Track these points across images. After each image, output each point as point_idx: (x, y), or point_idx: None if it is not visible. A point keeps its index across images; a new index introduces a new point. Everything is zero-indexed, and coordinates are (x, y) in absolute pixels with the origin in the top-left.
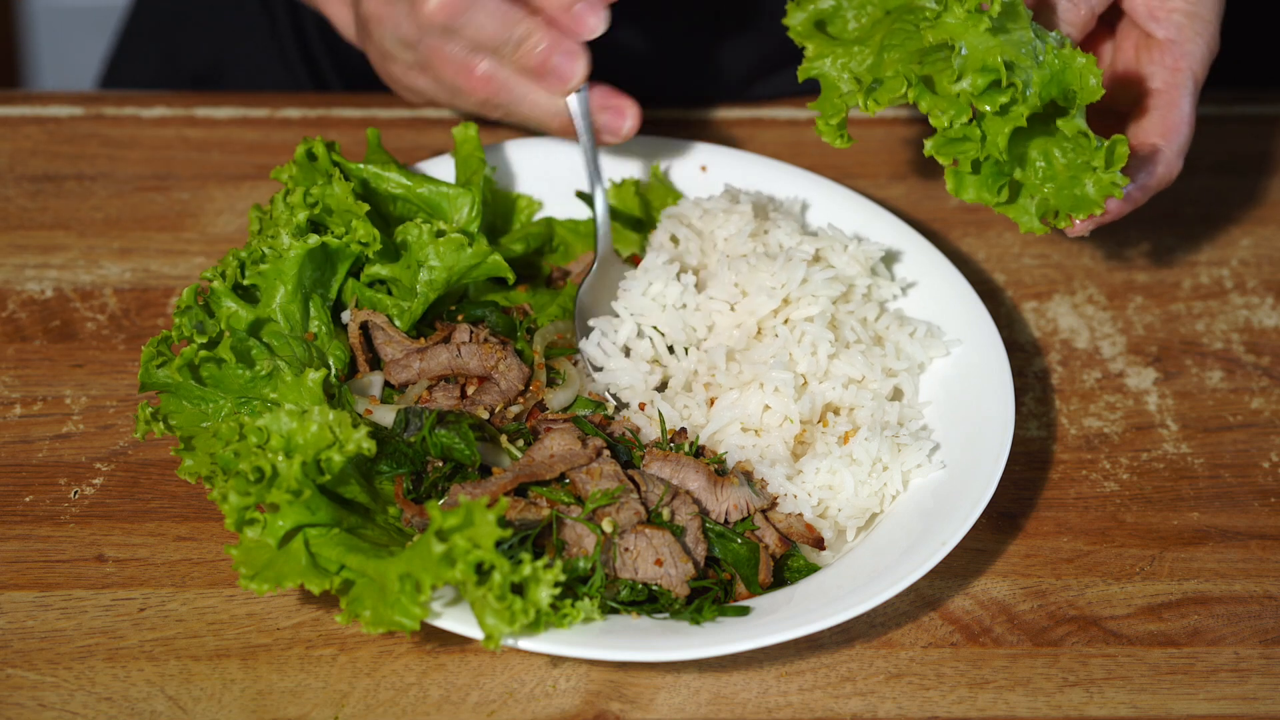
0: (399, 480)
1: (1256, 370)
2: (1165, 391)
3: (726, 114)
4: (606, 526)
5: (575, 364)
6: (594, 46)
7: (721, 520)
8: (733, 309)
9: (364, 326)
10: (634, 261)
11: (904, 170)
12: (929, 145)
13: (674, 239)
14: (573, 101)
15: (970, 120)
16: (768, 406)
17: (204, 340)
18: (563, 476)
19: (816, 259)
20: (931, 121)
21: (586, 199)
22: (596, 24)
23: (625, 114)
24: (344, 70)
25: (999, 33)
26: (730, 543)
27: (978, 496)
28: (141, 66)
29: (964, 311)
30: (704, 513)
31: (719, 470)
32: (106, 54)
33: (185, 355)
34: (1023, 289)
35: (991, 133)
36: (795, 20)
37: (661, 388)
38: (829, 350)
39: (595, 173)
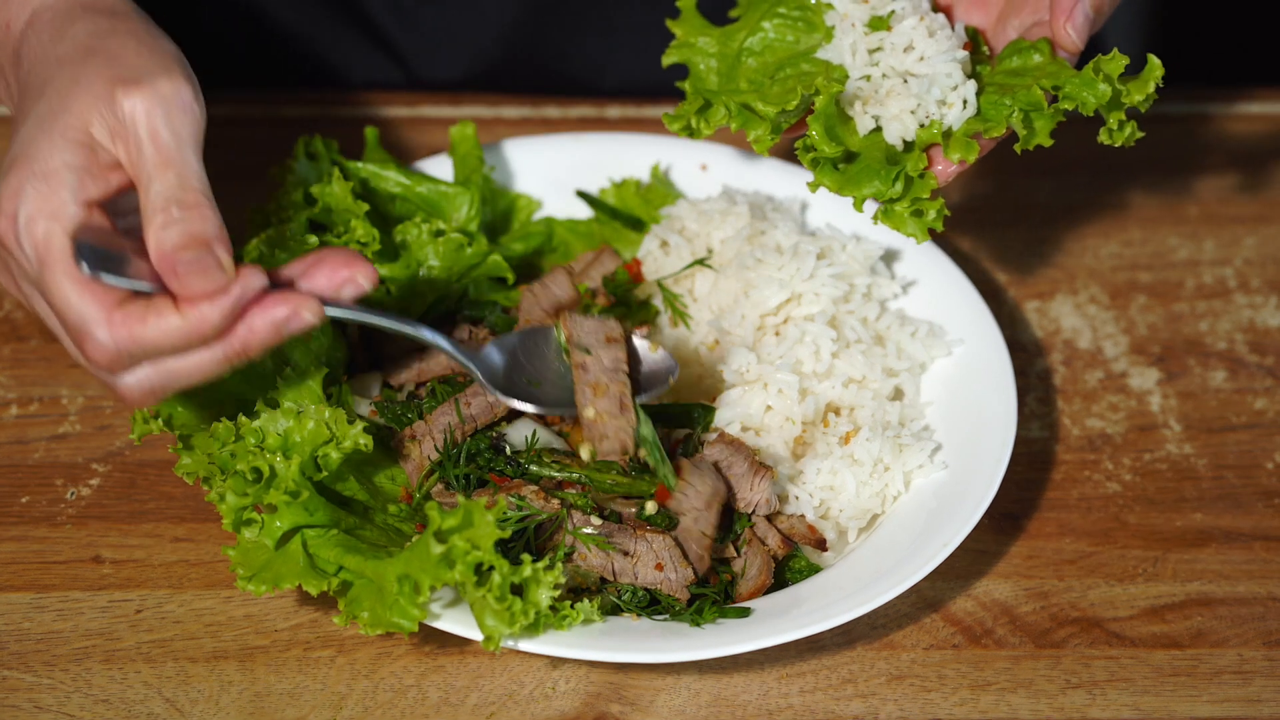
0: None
1: (1260, 370)
2: (1168, 392)
3: None
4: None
5: None
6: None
7: (749, 511)
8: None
9: (363, 326)
10: (635, 264)
11: None
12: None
13: (664, 245)
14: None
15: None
16: (770, 407)
17: None
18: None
19: (820, 256)
20: (756, 148)
21: (587, 198)
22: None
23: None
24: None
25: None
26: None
27: (980, 497)
28: None
29: (966, 311)
30: (733, 498)
31: (761, 463)
32: None
33: None
34: (1025, 289)
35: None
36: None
37: None
38: (831, 349)
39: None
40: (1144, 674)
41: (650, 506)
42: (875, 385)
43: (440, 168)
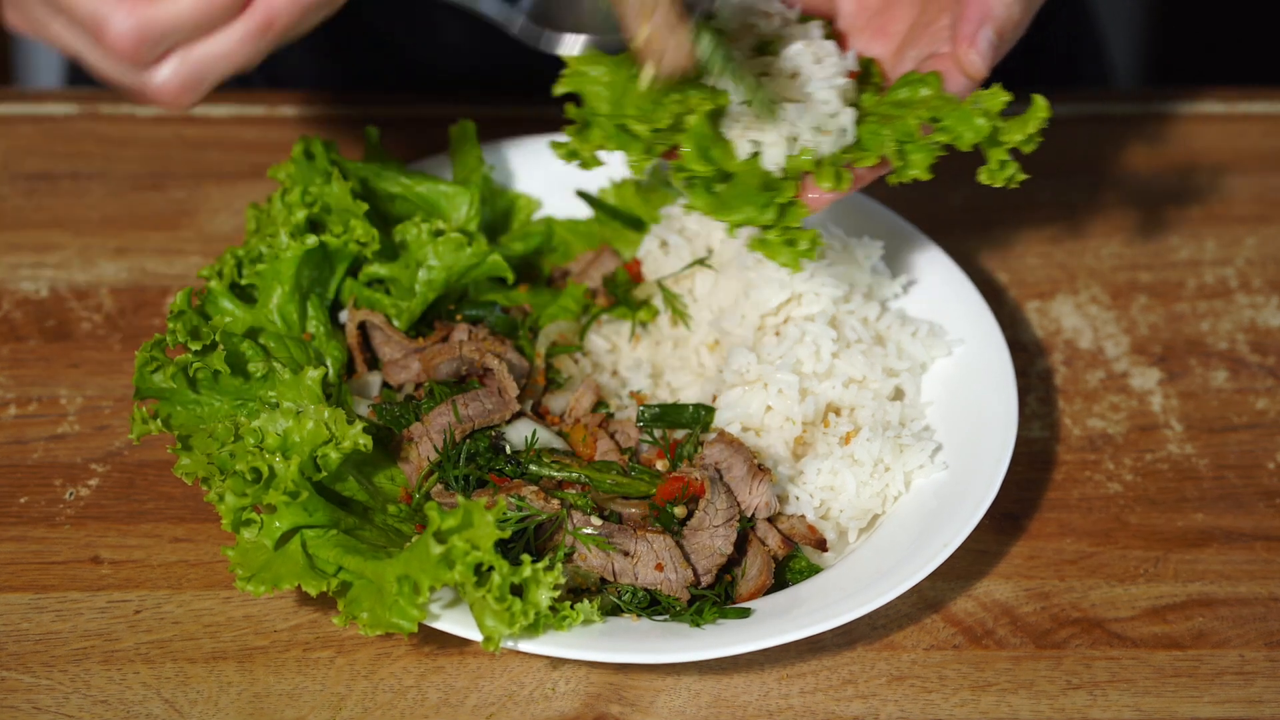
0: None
1: (1262, 370)
2: (1169, 392)
3: None
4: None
5: (575, 362)
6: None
7: (749, 514)
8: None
9: (362, 326)
10: (635, 264)
11: None
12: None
13: (664, 245)
14: None
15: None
16: (770, 407)
17: (198, 348)
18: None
19: (820, 256)
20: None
21: (587, 198)
22: None
23: None
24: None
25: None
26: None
27: (980, 497)
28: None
29: (966, 311)
30: (735, 502)
31: (760, 465)
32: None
33: (179, 363)
34: (1025, 288)
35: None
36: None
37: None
38: (831, 349)
39: None
40: (1145, 675)
41: (680, 511)
42: (875, 385)
43: (440, 168)
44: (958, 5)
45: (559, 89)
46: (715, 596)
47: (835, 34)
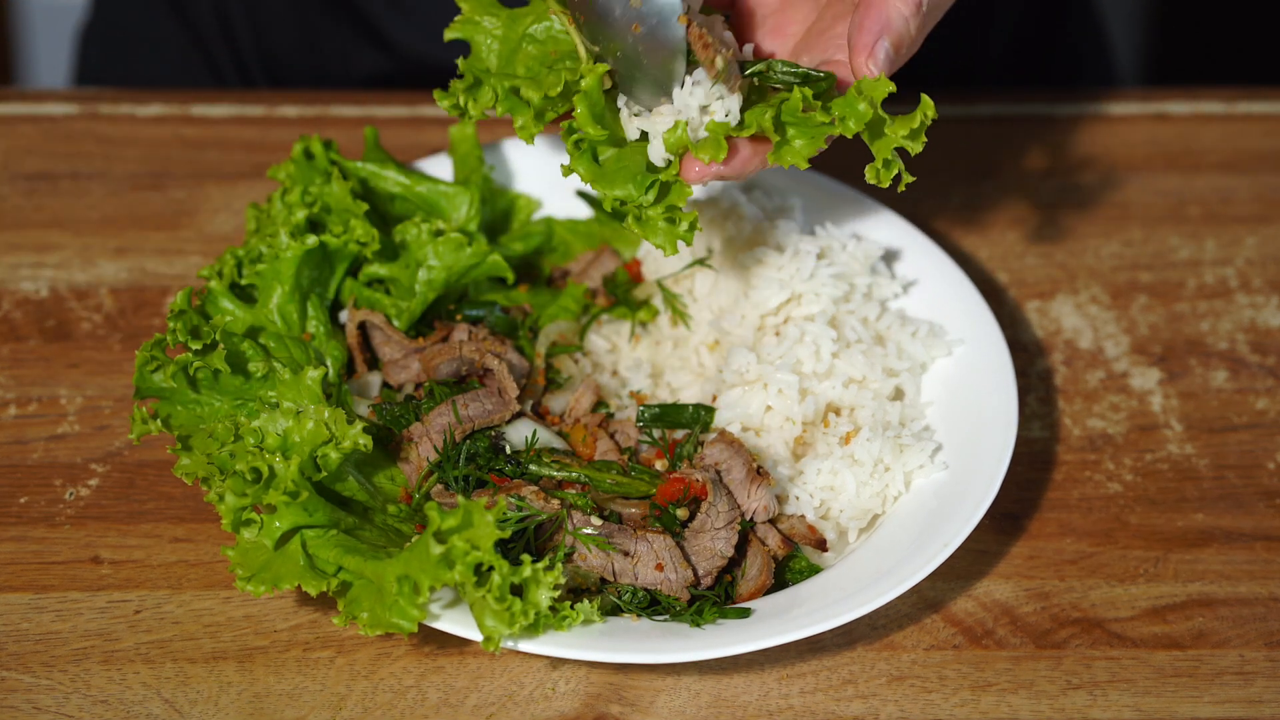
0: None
1: (1262, 370)
2: (1169, 392)
3: None
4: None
5: (575, 362)
6: None
7: (748, 518)
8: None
9: (362, 326)
10: (635, 264)
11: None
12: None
13: None
14: None
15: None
16: (770, 407)
17: (198, 347)
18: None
19: (820, 256)
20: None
21: (587, 198)
22: None
23: None
24: (278, 79)
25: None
26: None
27: (980, 497)
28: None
29: (966, 311)
30: (734, 505)
31: (759, 469)
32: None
33: (179, 362)
34: (1026, 288)
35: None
36: None
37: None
38: (831, 349)
39: None
40: (1145, 675)
41: (682, 513)
42: (875, 385)
43: (440, 167)
44: (855, 14)
45: (449, 35)
46: (715, 597)
47: (735, 28)
